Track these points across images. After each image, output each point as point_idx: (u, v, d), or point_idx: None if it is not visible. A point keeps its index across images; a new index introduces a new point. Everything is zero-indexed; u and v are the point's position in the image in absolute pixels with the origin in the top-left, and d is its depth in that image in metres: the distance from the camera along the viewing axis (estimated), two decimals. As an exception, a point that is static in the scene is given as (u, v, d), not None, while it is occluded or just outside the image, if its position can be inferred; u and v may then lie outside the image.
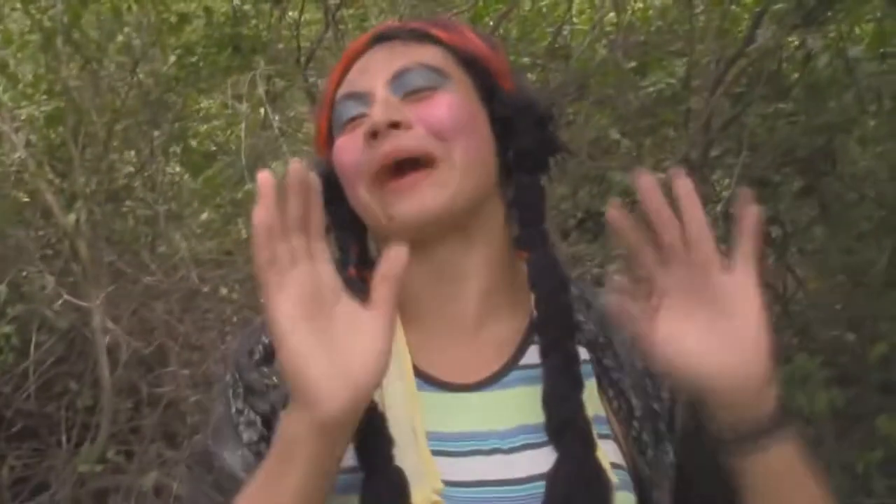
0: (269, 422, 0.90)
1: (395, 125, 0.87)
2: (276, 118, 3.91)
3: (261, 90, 3.70)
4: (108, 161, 4.30)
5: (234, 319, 4.91)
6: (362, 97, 0.92)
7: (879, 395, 3.23)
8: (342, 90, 0.95)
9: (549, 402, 0.85)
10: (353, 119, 0.92)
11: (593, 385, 0.90)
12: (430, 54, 0.94)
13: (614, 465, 0.87)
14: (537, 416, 0.86)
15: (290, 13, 3.96)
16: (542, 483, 0.83)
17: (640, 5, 3.60)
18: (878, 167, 3.77)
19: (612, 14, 3.51)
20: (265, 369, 0.92)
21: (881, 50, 3.18)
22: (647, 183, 0.78)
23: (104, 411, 3.86)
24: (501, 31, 3.19)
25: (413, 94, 0.91)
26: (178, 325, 4.36)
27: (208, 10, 4.19)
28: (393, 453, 0.83)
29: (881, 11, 3.04)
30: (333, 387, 0.72)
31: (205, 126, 4.95)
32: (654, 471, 0.90)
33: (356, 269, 0.94)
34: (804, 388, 3.01)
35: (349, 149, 0.91)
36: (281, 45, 3.96)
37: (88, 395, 4.10)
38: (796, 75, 3.37)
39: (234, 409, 0.91)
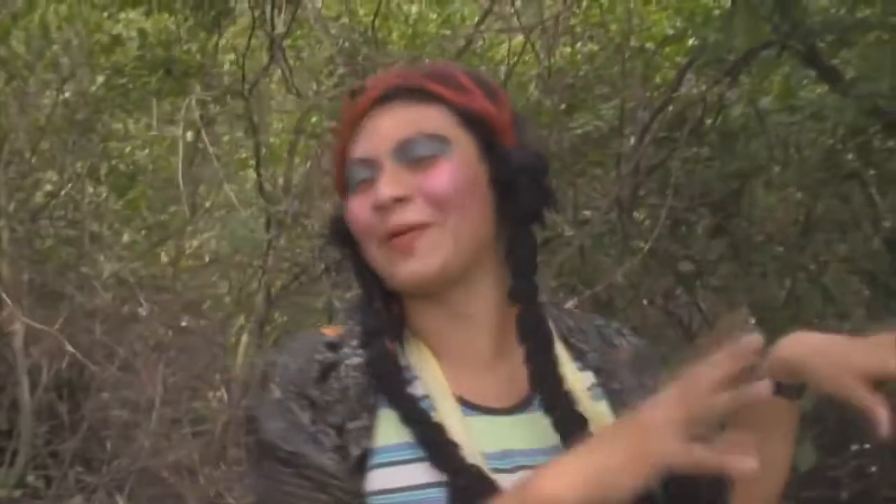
0: (340, 433, 0.94)
1: (398, 200, 0.94)
2: (210, 143, 3.93)
3: (196, 115, 3.72)
4: (33, 179, 4.24)
5: (155, 342, 4.88)
6: (370, 164, 0.98)
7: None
8: (353, 153, 1.00)
9: (563, 434, 0.93)
10: (363, 181, 0.98)
11: (604, 406, 0.99)
12: (431, 118, 0.98)
13: None
14: (551, 439, 0.94)
15: (233, 41, 4.00)
16: None
17: (569, 50, 3.78)
18: (783, 210, 4.04)
19: (543, 57, 3.66)
20: (324, 385, 0.96)
21: (789, 103, 3.43)
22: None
23: (22, 435, 3.78)
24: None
25: (415, 162, 0.96)
26: (101, 348, 4.31)
27: (142, 32, 4.19)
28: (468, 458, 0.91)
29: (790, 67, 3.28)
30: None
31: (129, 147, 4.91)
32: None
33: (382, 303, 1.01)
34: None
35: (361, 211, 0.98)
36: (215, 70, 3.99)
37: (4, 419, 4.02)
38: (710, 121, 3.61)
39: (305, 420, 0.95)
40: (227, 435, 3.85)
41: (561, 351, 1.02)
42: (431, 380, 0.97)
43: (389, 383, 0.95)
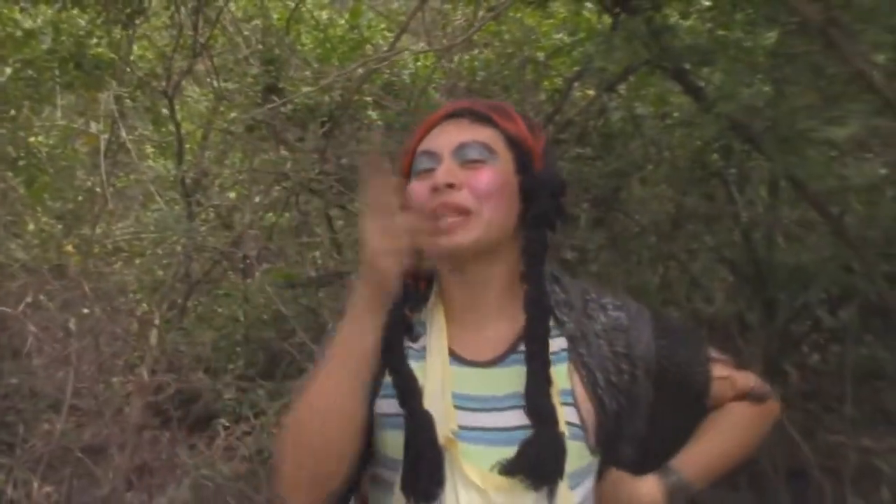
0: None
1: (450, 185, 1.29)
2: (125, 135, 4.09)
3: (113, 108, 3.87)
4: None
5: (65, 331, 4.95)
6: (434, 156, 1.32)
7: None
8: (422, 147, 1.35)
9: (529, 393, 1.28)
10: (425, 170, 1.33)
11: (565, 367, 1.33)
12: (485, 134, 1.33)
13: (570, 424, 1.29)
14: (522, 386, 1.28)
15: (148, 37, 4.15)
16: (523, 432, 1.26)
17: (468, 56, 4.11)
18: (656, 205, 4.49)
19: (444, 62, 3.97)
20: None
21: (662, 111, 3.86)
22: None
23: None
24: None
25: (468, 163, 1.31)
26: (8, 336, 4.39)
27: (55, 27, 4.29)
28: (424, 403, 1.26)
29: (662, 80, 3.70)
30: (386, 259, 1.18)
31: (35, 137, 4.97)
32: (614, 425, 1.33)
33: (413, 279, 1.37)
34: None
35: (419, 193, 1.31)
36: (128, 67, 4.14)
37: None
38: (592, 123, 4.01)
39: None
40: (143, 415, 4.02)
41: None
42: (434, 338, 1.33)
43: (390, 344, 1.28)
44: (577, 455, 1.30)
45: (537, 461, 1.25)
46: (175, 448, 3.74)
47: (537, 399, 1.27)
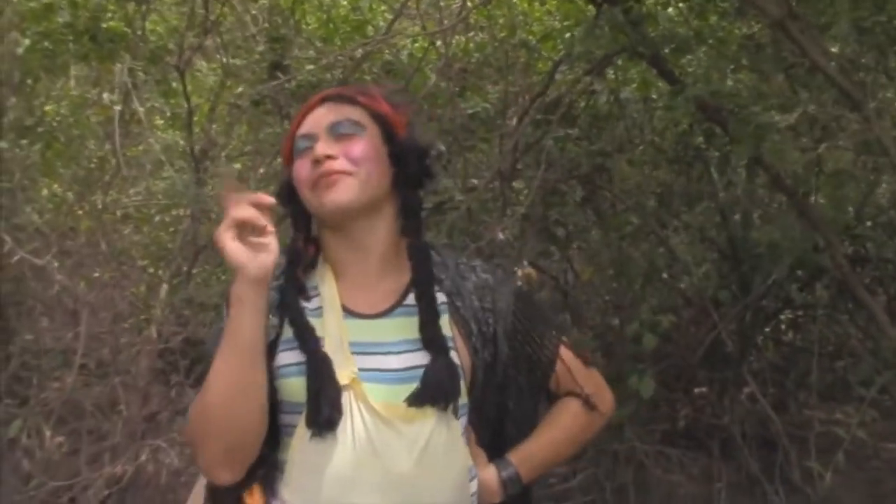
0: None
1: (328, 156, 1.48)
2: (138, 106, 4.31)
3: (127, 81, 4.09)
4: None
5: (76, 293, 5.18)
6: (311, 136, 1.52)
7: (631, 362, 4.12)
8: (300, 131, 1.55)
9: (423, 327, 1.47)
10: (305, 149, 1.52)
11: (447, 318, 1.51)
12: (354, 113, 1.54)
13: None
14: (412, 333, 1.47)
15: (159, 12, 4.35)
16: (415, 371, 1.43)
17: (463, 38, 4.32)
18: (642, 184, 4.70)
19: (440, 44, 4.18)
20: None
21: (646, 95, 4.07)
22: None
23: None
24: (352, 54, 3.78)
25: (342, 136, 1.50)
26: (23, 295, 4.62)
27: (73, 2, 4.48)
28: (322, 347, 1.43)
29: (645, 66, 3.91)
30: (253, 263, 1.35)
31: (51, 106, 5.17)
32: (482, 367, 1.52)
33: (304, 242, 1.57)
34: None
35: (303, 168, 1.51)
36: (143, 44, 4.34)
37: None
38: (582, 105, 4.22)
39: (221, 325, 1.49)
40: (151, 373, 4.26)
41: None
42: (327, 295, 1.51)
43: (288, 300, 1.48)
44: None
45: (439, 384, 1.43)
46: (182, 397, 3.98)
47: (431, 331, 1.47)
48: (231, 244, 1.35)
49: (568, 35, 3.67)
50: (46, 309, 4.85)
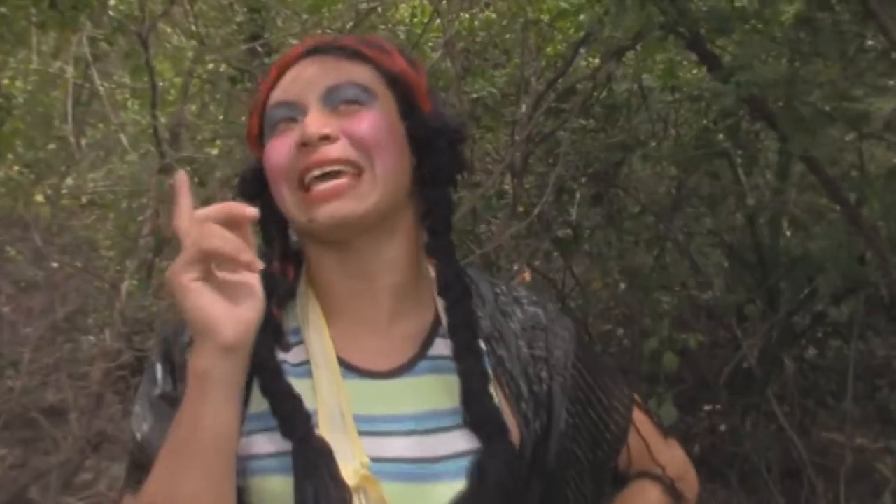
0: None
1: (325, 137, 0.96)
2: (98, 81, 3.84)
3: (87, 52, 3.62)
4: None
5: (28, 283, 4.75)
6: (294, 106, 1.00)
7: (647, 383, 3.70)
8: (275, 97, 1.02)
9: (469, 397, 0.99)
10: (284, 121, 1.00)
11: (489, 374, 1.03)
12: (359, 72, 1.01)
13: None
14: (445, 402, 0.99)
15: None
16: (455, 461, 0.97)
17: (467, 16, 3.87)
18: (657, 183, 4.28)
19: (439, 21, 3.73)
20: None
21: (671, 83, 3.63)
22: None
23: None
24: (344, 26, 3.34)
25: (342, 108, 0.99)
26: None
27: (29, -37, 4.02)
28: (313, 426, 0.95)
29: (672, 50, 3.47)
30: (230, 320, 0.87)
31: (6, 80, 4.71)
32: (531, 443, 1.03)
33: (280, 263, 1.04)
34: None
35: (279, 151, 0.99)
36: (108, 12, 3.88)
37: None
38: (596, 94, 3.79)
39: (167, 388, 1.00)
40: (105, 380, 3.81)
41: None
42: (315, 344, 1.01)
43: (259, 355, 0.95)
44: None
45: (499, 487, 0.96)
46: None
47: (481, 403, 0.99)
48: (194, 293, 0.87)
49: (589, 12, 3.20)
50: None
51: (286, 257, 1.05)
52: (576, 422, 1.08)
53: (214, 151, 4.40)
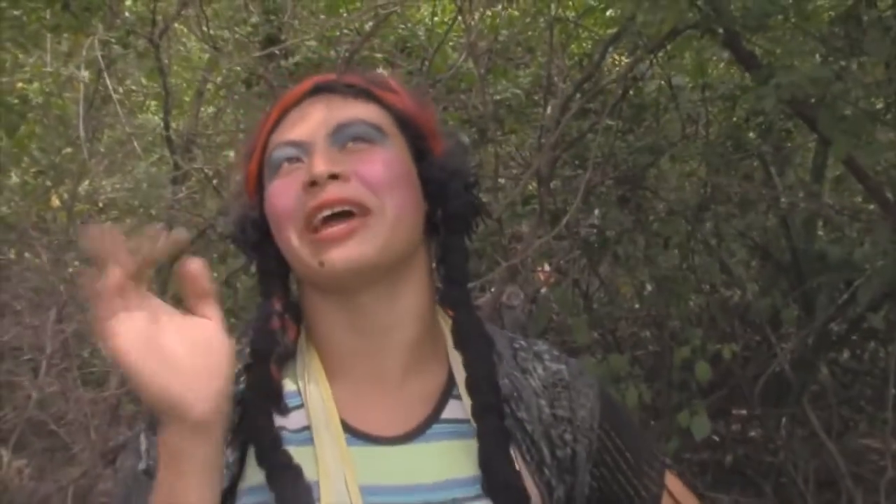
0: None
1: (334, 177, 0.89)
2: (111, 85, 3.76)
3: (98, 55, 3.53)
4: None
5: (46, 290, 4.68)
6: (300, 145, 0.93)
7: (679, 392, 3.58)
8: (278, 138, 0.95)
9: (487, 461, 0.90)
10: (288, 161, 0.93)
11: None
12: (368, 111, 0.95)
13: None
14: (462, 470, 0.91)
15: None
16: None
17: (489, 13, 3.75)
18: (686, 184, 4.15)
19: (460, 20, 3.62)
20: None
21: (701, 82, 3.50)
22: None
23: None
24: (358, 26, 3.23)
25: (351, 148, 0.92)
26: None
27: (40, -34, 3.94)
28: (315, 501, 0.86)
29: (703, 48, 3.34)
30: (197, 392, 0.77)
31: (20, 83, 4.65)
32: None
33: (280, 319, 0.95)
34: (617, 385, 3.29)
35: (284, 194, 0.91)
36: (118, 9, 3.80)
37: None
38: (628, 93, 3.66)
39: (143, 466, 0.91)
40: (122, 389, 3.73)
41: None
42: (316, 407, 0.92)
43: (255, 421, 0.89)
44: None
45: None
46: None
47: (501, 471, 0.90)
48: (140, 361, 0.76)
49: (618, 9, 3.08)
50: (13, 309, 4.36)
51: (286, 309, 0.96)
52: (601, 486, 0.99)
53: (230, 153, 4.32)
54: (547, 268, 4.69)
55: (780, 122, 3.81)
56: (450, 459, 0.91)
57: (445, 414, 0.94)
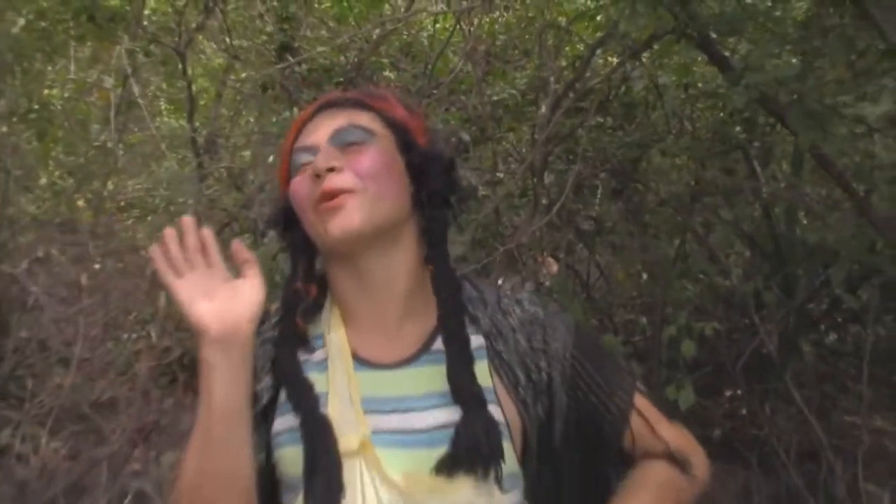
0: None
1: (331, 169, 1.20)
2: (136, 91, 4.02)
3: (125, 63, 3.80)
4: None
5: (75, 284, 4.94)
6: (311, 149, 1.25)
7: (668, 369, 3.82)
8: (297, 144, 1.28)
9: (452, 375, 1.17)
10: (304, 164, 1.25)
11: (485, 365, 1.22)
12: (362, 117, 1.27)
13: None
14: (439, 385, 1.18)
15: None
16: (446, 431, 1.14)
17: (487, 19, 4.00)
18: (675, 176, 4.39)
19: (461, 25, 3.87)
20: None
21: (685, 81, 3.75)
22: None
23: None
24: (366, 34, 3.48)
25: (348, 146, 1.23)
26: (19, 290, 4.37)
27: (69, -21, 4.20)
28: (326, 410, 1.17)
29: (686, 49, 3.59)
30: (214, 320, 1.13)
31: (48, 90, 4.91)
32: (535, 426, 1.21)
33: (302, 283, 1.27)
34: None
35: (301, 186, 1.24)
36: (146, 24, 4.06)
37: None
38: (614, 93, 3.91)
39: None
40: (151, 376, 4.00)
41: None
42: (333, 344, 1.23)
43: (283, 357, 1.22)
44: (506, 456, 1.16)
45: (473, 445, 1.13)
46: (179, 412, 3.72)
47: (461, 378, 1.17)
48: (178, 294, 1.16)
49: (604, 15, 3.33)
50: (45, 303, 4.61)
51: (309, 278, 1.29)
52: (577, 406, 1.25)
53: (247, 154, 4.58)
54: (549, 258, 4.94)
55: (763, 117, 4.04)
56: (429, 378, 1.21)
57: (435, 346, 1.24)
